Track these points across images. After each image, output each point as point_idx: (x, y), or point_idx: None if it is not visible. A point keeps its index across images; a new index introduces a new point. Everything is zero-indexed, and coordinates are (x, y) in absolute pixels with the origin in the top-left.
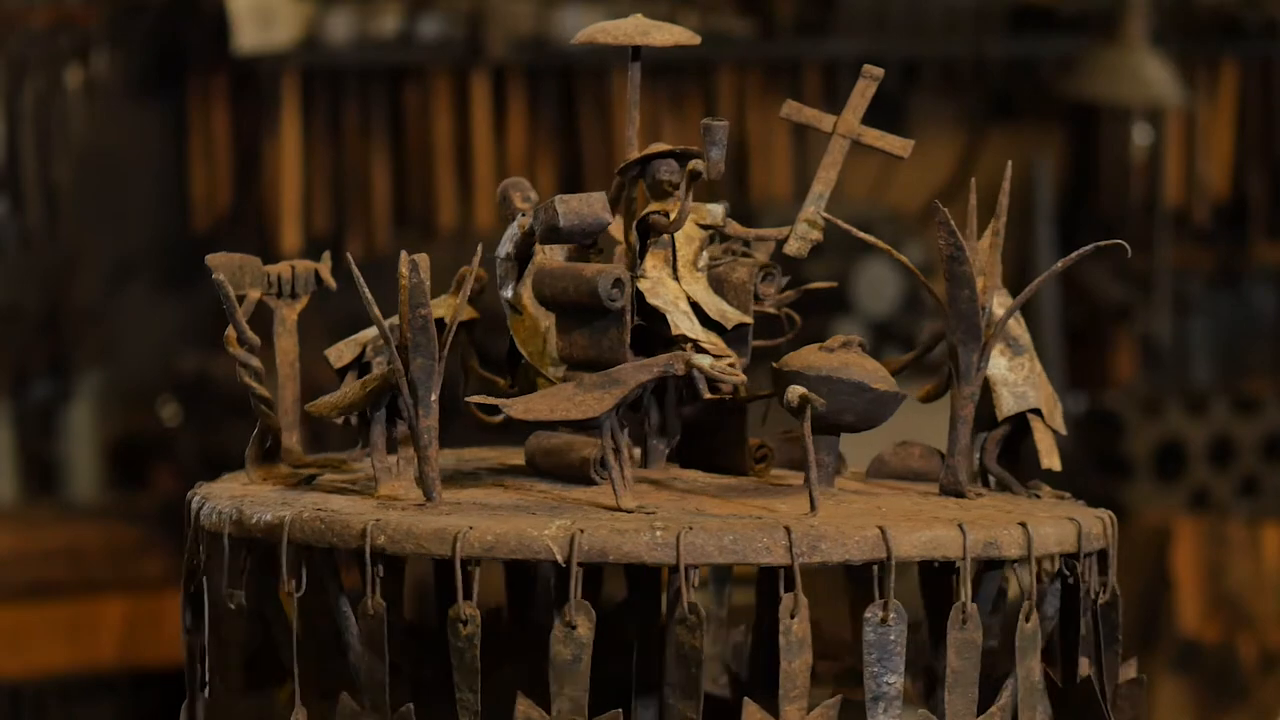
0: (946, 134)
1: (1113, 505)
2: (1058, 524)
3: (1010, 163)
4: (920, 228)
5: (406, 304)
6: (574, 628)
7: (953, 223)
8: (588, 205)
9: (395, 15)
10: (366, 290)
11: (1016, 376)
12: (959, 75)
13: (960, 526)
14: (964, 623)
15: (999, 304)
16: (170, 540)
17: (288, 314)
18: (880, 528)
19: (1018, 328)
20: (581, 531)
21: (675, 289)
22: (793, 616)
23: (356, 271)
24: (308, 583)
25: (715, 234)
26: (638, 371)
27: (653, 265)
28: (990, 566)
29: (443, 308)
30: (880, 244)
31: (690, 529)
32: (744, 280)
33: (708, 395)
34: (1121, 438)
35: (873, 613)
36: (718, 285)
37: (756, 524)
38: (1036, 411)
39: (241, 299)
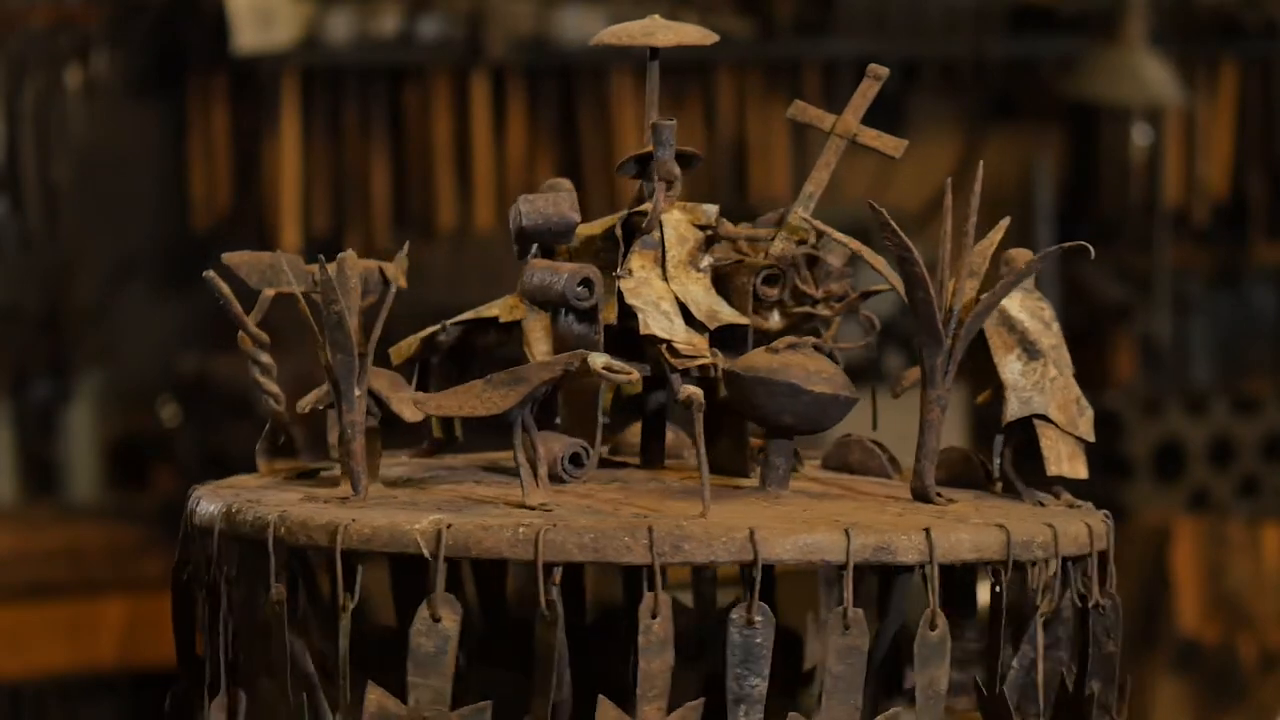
0: (946, 134)
1: (1113, 505)
2: (980, 531)
3: (982, 163)
4: (920, 227)
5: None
6: (439, 620)
7: (894, 222)
8: (553, 205)
9: (395, 15)
10: (298, 288)
11: (1027, 381)
12: (959, 75)
13: (846, 531)
14: (847, 628)
15: (1020, 306)
16: (170, 540)
17: None
18: (750, 530)
19: (1039, 330)
20: (448, 526)
21: (661, 289)
22: (654, 616)
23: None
24: (300, 577)
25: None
26: (541, 369)
27: (640, 265)
28: (897, 570)
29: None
30: (854, 244)
31: (553, 526)
32: (744, 282)
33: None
34: (1121, 438)
35: (738, 614)
36: (723, 286)
37: (621, 523)
38: (1044, 417)
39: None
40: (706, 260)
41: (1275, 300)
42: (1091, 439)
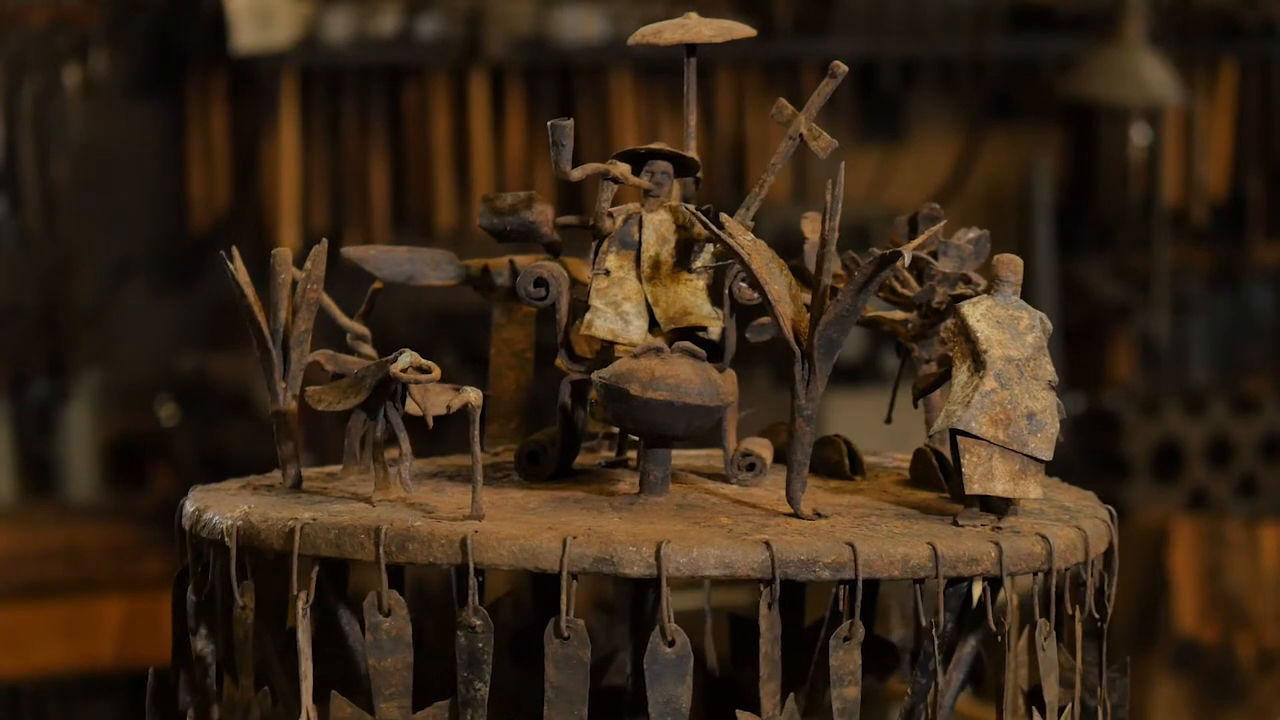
0: (946, 134)
1: (1111, 505)
2: (741, 548)
3: (843, 164)
4: (918, 227)
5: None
6: (244, 607)
7: (730, 236)
8: (508, 205)
9: (394, 15)
10: (245, 284)
11: (961, 394)
12: (958, 75)
13: (564, 540)
14: (565, 637)
15: (984, 315)
16: (169, 540)
17: (514, 306)
18: (465, 535)
19: (1002, 340)
20: (247, 516)
21: (633, 289)
22: (385, 615)
23: (240, 267)
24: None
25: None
26: (378, 369)
27: (620, 265)
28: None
29: None
30: (749, 248)
31: (310, 522)
32: (727, 284)
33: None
34: (1120, 437)
35: (464, 619)
36: (718, 286)
37: (365, 522)
38: (964, 432)
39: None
40: (701, 260)
41: (1274, 300)
42: (1046, 457)
